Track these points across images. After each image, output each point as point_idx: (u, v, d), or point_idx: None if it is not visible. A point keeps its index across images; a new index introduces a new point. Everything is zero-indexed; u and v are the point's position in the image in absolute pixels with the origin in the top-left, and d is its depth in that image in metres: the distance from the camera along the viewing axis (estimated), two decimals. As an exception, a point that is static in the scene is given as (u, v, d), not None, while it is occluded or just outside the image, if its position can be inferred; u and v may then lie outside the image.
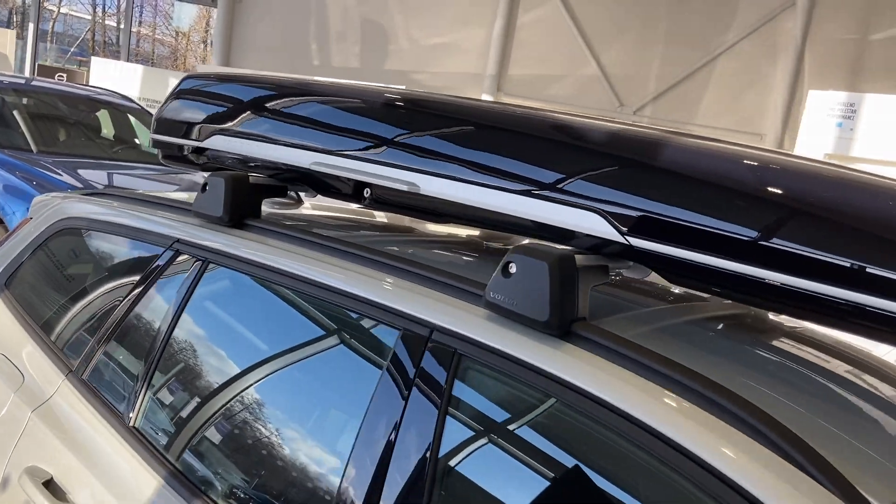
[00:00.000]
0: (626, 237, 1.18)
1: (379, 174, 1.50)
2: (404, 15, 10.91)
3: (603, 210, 1.19)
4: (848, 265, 1.00)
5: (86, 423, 1.63)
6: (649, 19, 10.52)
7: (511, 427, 1.17)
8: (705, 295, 1.50)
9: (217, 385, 1.55)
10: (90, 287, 1.99)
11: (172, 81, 10.73)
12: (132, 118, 6.73)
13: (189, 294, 1.64)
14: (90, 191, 2.23)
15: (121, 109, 6.74)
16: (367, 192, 1.62)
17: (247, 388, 1.49)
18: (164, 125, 2.04)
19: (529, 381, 1.11)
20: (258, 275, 1.56)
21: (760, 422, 0.93)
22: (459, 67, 10.87)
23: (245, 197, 1.72)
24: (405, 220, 2.09)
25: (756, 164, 1.15)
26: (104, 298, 1.90)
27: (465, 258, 1.75)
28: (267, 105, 1.80)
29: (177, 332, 1.62)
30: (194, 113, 1.95)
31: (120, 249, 1.98)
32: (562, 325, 1.12)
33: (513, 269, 1.17)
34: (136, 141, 6.62)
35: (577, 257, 1.17)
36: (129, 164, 5.88)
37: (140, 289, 1.76)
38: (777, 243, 1.03)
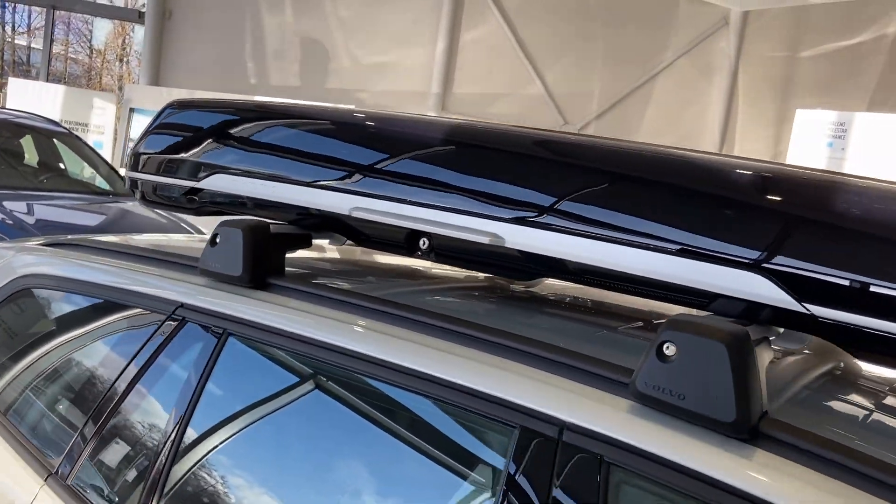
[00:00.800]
0: (804, 304, 0.96)
1: (448, 223, 1.24)
2: (344, 33, 10.60)
3: (771, 270, 0.97)
4: None
5: (79, 548, 1.29)
6: (590, 38, 10.56)
7: None
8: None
9: (255, 494, 1.23)
10: (65, 365, 1.62)
11: (98, 102, 10.07)
12: (58, 143, 6.21)
13: (205, 375, 1.32)
14: (53, 239, 1.86)
15: (46, 134, 6.21)
16: (423, 243, 1.36)
17: None
18: (143, 162, 1.72)
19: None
20: (299, 352, 1.25)
21: None
22: (403, 86, 10.63)
23: (267, 250, 1.42)
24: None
25: None
26: (85, 379, 1.54)
27: (571, 324, 1.47)
28: (286, 139, 1.50)
29: (195, 426, 1.29)
30: (183, 148, 1.65)
31: (101, 316, 1.62)
32: (752, 426, 0.88)
33: (670, 350, 0.92)
34: (62, 166, 6.12)
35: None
36: (57, 194, 5.44)
37: (135, 368, 1.42)
38: None
